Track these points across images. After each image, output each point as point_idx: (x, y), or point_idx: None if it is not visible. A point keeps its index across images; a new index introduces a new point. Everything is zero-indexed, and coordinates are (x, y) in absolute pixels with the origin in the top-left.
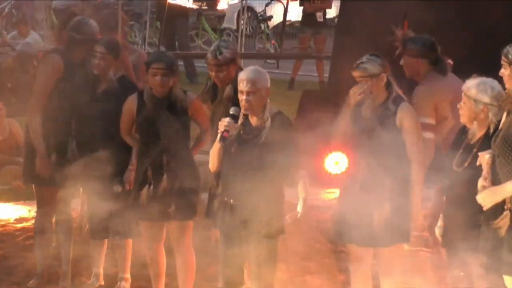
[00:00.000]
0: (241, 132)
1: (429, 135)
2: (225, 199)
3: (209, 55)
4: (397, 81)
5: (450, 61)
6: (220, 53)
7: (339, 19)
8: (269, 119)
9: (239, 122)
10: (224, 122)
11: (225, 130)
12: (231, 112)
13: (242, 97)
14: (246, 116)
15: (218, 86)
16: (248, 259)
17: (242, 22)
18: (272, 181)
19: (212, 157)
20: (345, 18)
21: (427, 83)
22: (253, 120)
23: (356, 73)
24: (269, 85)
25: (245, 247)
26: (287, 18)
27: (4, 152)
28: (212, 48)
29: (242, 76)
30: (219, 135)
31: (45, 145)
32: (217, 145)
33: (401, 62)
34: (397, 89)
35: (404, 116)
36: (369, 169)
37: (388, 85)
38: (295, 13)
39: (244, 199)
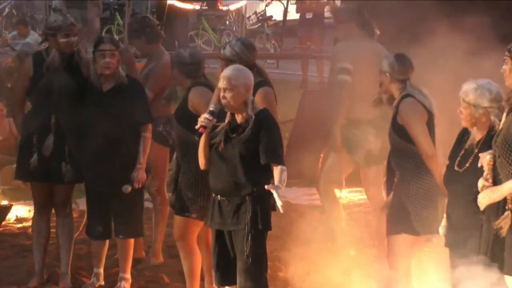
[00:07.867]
0: (227, 129)
1: (346, 77)
2: (213, 195)
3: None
4: None
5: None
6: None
7: None
8: (253, 117)
9: (226, 120)
10: (202, 118)
11: (202, 126)
12: (210, 108)
13: (220, 94)
14: (232, 114)
15: None
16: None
17: (245, 22)
18: (256, 178)
19: (200, 155)
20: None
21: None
22: (238, 118)
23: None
24: (250, 82)
25: (233, 243)
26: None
27: (4, 152)
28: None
29: (222, 73)
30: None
31: (46, 142)
32: (202, 143)
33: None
34: (409, 87)
35: (401, 113)
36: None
37: (401, 84)
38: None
39: (229, 195)
